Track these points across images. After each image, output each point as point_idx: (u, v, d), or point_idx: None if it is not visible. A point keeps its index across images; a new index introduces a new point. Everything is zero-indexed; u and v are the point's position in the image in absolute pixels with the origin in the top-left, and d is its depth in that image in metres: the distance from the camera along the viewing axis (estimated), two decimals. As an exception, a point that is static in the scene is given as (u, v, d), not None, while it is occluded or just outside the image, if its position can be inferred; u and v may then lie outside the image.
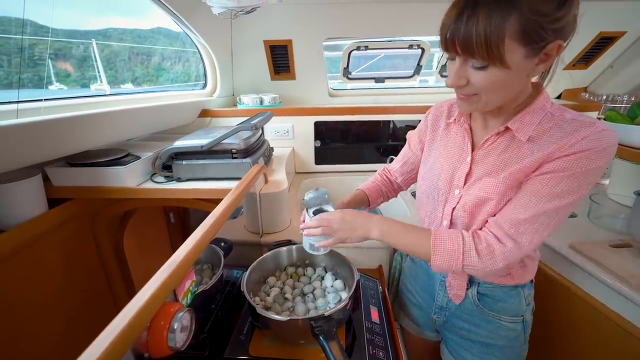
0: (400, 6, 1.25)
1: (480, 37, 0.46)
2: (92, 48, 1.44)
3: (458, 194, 0.64)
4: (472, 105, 0.56)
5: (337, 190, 1.68)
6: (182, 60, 1.91)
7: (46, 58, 0.94)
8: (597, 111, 1.64)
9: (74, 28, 1.20)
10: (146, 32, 1.93)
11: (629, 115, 1.18)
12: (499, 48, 0.46)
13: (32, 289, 0.89)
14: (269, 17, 1.36)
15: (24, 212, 0.87)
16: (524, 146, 0.56)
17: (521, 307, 0.69)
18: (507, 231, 0.55)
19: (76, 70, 1.35)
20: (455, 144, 0.67)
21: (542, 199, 0.53)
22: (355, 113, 1.61)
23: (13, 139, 0.70)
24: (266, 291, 0.81)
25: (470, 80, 0.52)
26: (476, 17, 0.45)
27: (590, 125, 0.51)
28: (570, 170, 0.51)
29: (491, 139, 0.60)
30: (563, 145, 0.51)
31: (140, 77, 1.92)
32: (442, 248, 0.58)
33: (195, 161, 1.06)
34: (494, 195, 0.58)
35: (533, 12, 0.44)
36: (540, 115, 0.55)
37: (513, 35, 0.45)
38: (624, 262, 0.83)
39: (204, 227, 0.59)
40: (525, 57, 0.48)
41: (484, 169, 0.61)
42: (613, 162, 1.28)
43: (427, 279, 0.80)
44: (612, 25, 1.46)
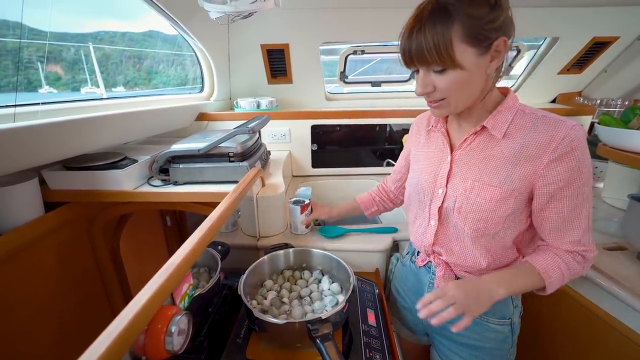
0: (394, 12, 1.27)
1: (429, 46, 0.52)
2: (88, 51, 1.44)
3: (442, 193, 0.68)
4: (444, 109, 0.61)
5: (333, 194, 1.68)
6: (175, 63, 1.91)
7: (35, 61, 0.93)
8: (592, 115, 1.66)
9: (65, 31, 1.20)
10: (139, 35, 1.93)
11: (623, 119, 1.20)
12: (449, 52, 0.52)
13: (28, 292, 0.89)
14: (266, 22, 1.37)
15: (20, 215, 0.86)
16: (501, 143, 0.61)
17: (508, 310, 0.71)
18: (583, 248, 0.61)
19: (67, 74, 1.34)
20: (435, 147, 0.72)
21: (579, 210, 0.58)
22: (352, 117, 1.62)
23: (10, 142, 0.70)
24: (263, 294, 0.81)
25: (436, 86, 0.57)
26: (423, 31, 0.53)
27: (562, 124, 0.56)
28: (580, 177, 0.56)
29: (469, 138, 0.64)
30: (548, 146, 0.56)
31: (132, 81, 1.92)
32: (554, 278, 0.60)
33: (192, 165, 1.06)
34: (492, 204, 0.61)
35: (470, 17, 0.51)
36: (512, 113, 0.60)
37: (460, 38, 0.52)
38: (618, 266, 0.84)
39: (201, 230, 0.59)
40: (478, 56, 0.54)
41: (466, 168, 0.65)
42: (607, 166, 1.30)
43: (416, 282, 0.82)
44: (606, 30, 1.48)
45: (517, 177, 0.59)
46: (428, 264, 0.77)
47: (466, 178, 0.64)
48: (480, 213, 0.62)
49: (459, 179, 0.65)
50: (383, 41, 1.66)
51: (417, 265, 0.80)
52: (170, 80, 2.09)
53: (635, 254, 0.87)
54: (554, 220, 0.60)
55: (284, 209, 1.10)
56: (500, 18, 0.53)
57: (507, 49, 0.56)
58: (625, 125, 1.16)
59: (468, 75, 0.55)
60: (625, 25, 1.46)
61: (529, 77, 1.77)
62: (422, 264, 0.79)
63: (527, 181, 0.59)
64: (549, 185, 0.57)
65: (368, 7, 1.32)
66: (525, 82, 1.80)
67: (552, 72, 1.72)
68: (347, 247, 1.02)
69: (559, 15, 1.40)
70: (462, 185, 0.64)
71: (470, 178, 0.63)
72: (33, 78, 0.98)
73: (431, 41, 0.52)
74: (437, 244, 0.72)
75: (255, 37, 1.46)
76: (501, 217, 0.61)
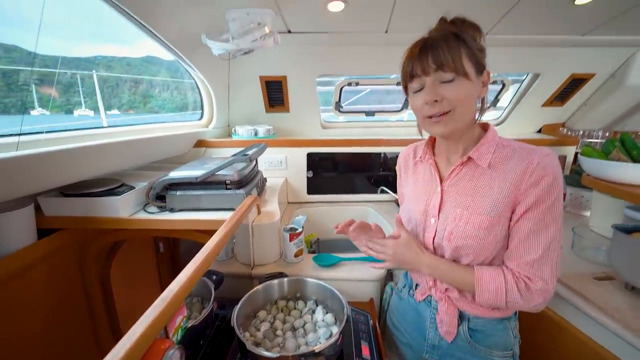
0: (385, 48, 1.36)
1: (446, 54, 0.59)
2: (84, 75, 1.47)
3: (434, 223, 0.70)
4: (449, 123, 0.63)
5: (328, 220, 1.69)
6: (170, 88, 1.96)
7: (30, 83, 0.95)
8: (575, 145, 1.74)
9: (63, 55, 1.22)
10: (137, 60, 1.98)
11: (604, 150, 1.26)
12: (462, 62, 0.59)
13: (13, 323, 0.86)
14: (266, 55, 1.44)
15: (13, 242, 0.85)
16: (486, 172, 0.65)
17: (510, 340, 0.71)
18: (531, 273, 0.61)
19: (61, 96, 1.36)
20: (424, 178, 0.76)
21: (540, 233, 0.60)
22: (346, 145, 1.67)
23: (12, 170, 0.72)
24: (256, 326, 0.80)
25: (445, 96, 0.61)
26: (439, 45, 0.60)
27: (537, 152, 0.61)
28: (547, 200, 0.59)
29: (457, 169, 0.69)
30: (524, 173, 0.60)
31: (127, 103, 1.96)
32: (486, 287, 0.62)
33: (189, 192, 1.07)
34: (480, 231, 0.63)
35: (471, 42, 0.61)
36: (493, 146, 0.66)
37: (466, 54, 0.60)
38: (608, 296, 0.85)
39: (197, 260, 0.59)
40: (476, 74, 0.61)
41: (455, 197, 0.68)
42: (592, 195, 1.34)
43: (416, 316, 0.79)
44: (583, 67, 1.59)
45: (502, 204, 0.62)
46: (428, 298, 0.76)
47: (456, 207, 0.67)
48: (470, 240, 0.64)
49: (449, 208, 0.68)
50: (375, 74, 1.75)
51: (416, 300, 0.79)
52: (165, 104, 2.13)
53: (623, 283, 0.89)
54: (513, 239, 0.63)
55: (279, 236, 1.10)
56: (484, 56, 0.63)
57: (489, 82, 0.65)
58: (606, 157, 1.21)
59: (472, 88, 0.61)
60: (600, 64, 1.57)
61: (514, 109, 1.86)
62: (422, 298, 0.77)
63: (509, 207, 0.62)
64: (521, 208, 0.61)
65: (359, 44, 1.40)
66: (511, 114, 1.89)
67: (536, 105, 1.81)
68: (341, 276, 1.02)
69: (540, 54, 1.50)
70: (452, 213, 0.67)
71: (460, 206, 0.66)
72: (26, 100, 1.00)
73: (447, 52, 0.59)
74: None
75: (255, 69, 1.53)
76: (491, 244, 0.63)
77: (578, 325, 0.85)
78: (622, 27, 1.27)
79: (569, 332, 0.87)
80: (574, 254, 1.09)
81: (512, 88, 1.84)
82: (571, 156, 1.73)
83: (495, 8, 1.13)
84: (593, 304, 0.82)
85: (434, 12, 0.67)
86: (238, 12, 1.00)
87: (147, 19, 0.95)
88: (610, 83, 1.66)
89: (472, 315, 0.70)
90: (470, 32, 0.62)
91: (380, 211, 1.60)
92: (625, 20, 1.20)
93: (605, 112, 1.79)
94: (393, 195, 1.65)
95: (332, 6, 1.09)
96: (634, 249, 0.83)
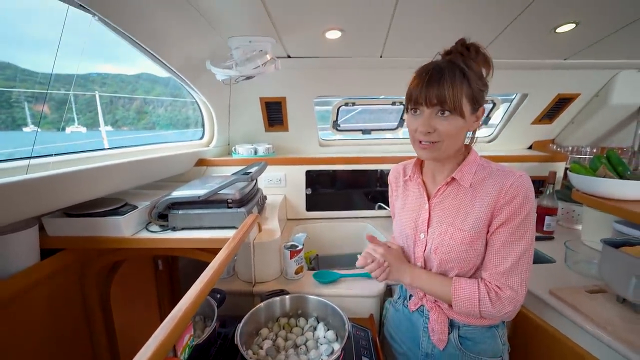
0: (379, 71, 1.44)
1: (449, 92, 0.63)
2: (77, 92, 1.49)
3: (424, 238, 0.76)
4: (434, 152, 0.69)
5: (327, 236, 1.71)
6: (164, 104, 2.00)
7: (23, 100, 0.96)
8: (565, 161, 1.80)
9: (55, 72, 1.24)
10: (131, 77, 2.03)
11: (591, 167, 1.31)
12: (461, 102, 0.64)
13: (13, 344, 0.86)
14: (266, 78, 1.49)
15: (17, 263, 0.86)
16: (468, 191, 0.71)
17: (498, 347, 0.75)
18: (501, 282, 0.66)
19: (53, 113, 1.38)
20: (414, 196, 0.82)
21: (511, 246, 0.66)
22: (344, 162, 1.71)
23: (20, 193, 0.74)
24: (259, 344, 0.81)
25: (438, 128, 0.66)
26: (444, 80, 0.64)
27: (511, 174, 0.68)
28: (518, 217, 0.65)
29: (442, 188, 0.75)
30: (500, 193, 0.66)
31: (121, 120, 1.98)
32: (460, 295, 0.68)
33: (191, 211, 1.10)
34: (463, 246, 0.69)
35: (475, 82, 0.65)
36: (474, 167, 0.72)
37: (466, 95, 0.64)
38: (600, 308, 0.87)
39: (203, 279, 0.61)
40: (470, 113, 0.67)
41: (441, 213, 0.74)
42: (583, 210, 1.38)
43: (410, 326, 0.84)
44: (568, 88, 1.67)
45: (482, 221, 0.68)
46: (420, 307, 0.81)
47: (442, 223, 0.73)
48: (453, 254, 0.70)
49: (436, 224, 0.74)
50: (370, 95, 1.81)
51: (409, 310, 0.84)
52: (160, 121, 2.16)
53: (614, 296, 0.91)
54: (489, 251, 0.69)
55: (279, 254, 1.12)
56: (486, 91, 0.69)
57: (482, 116, 0.71)
58: (593, 173, 1.26)
59: (463, 126, 0.67)
60: (584, 84, 1.65)
61: (505, 127, 1.93)
62: (415, 308, 0.82)
63: (487, 224, 0.68)
64: (496, 223, 0.67)
65: (355, 68, 1.47)
66: (502, 131, 1.96)
67: (526, 122, 1.89)
68: (342, 293, 1.04)
69: (527, 75, 1.58)
70: (438, 229, 0.73)
71: (445, 222, 0.72)
72: (18, 117, 1.01)
73: (451, 90, 0.63)
74: None
75: (255, 91, 1.58)
76: (473, 257, 0.69)
77: (572, 337, 0.87)
78: (602, 51, 1.35)
79: (563, 344, 0.88)
80: (567, 267, 1.12)
81: (502, 107, 1.92)
82: (561, 172, 1.79)
83: (484, 34, 1.20)
84: (586, 316, 0.84)
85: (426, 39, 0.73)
86: (240, 40, 1.06)
87: (155, 49, 1.00)
88: (595, 102, 1.74)
89: (462, 324, 0.75)
90: (477, 67, 0.67)
91: (378, 227, 1.63)
92: (604, 46, 1.28)
93: (592, 129, 1.87)
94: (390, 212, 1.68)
95: (329, 34, 1.16)
96: (622, 262, 0.86)
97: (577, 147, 1.93)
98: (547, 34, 1.19)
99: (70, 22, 0.77)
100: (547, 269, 1.12)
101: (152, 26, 0.94)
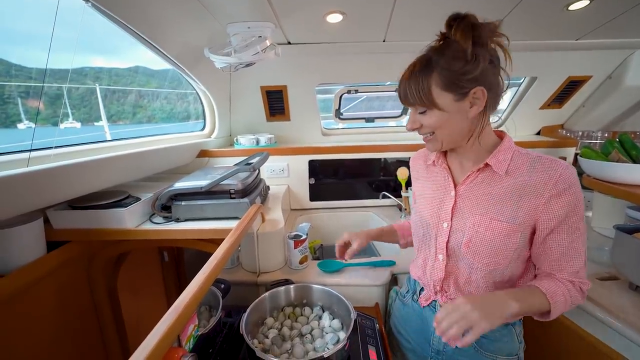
0: (382, 56, 1.39)
1: (412, 92, 0.63)
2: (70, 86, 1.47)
3: (447, 227, 0.70)
4: (434, 143, 0.68)
5: (331, 226, 1.70)
6: (159, 97, 1.97)
7: (16, 97, 0.95)
8: (575, 147, 1.75)
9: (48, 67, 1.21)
10: (124, 70, 2.00)
11: (603, 151, 1.27)
12: (429, 96, 0.61)
13: (24, 337, 0.87)
14: (266, 66, 1.47)
15: (24, 256, 0.87)
16: (503, 180, 0.65)
17: (514, 346, 0.72)
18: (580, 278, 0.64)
19: (47, 108, 1.36)
20: (438, 182, 0.76)
21: (577, 244, 0.63)
22: (347, 152, 1.68)
23: (23, 186, 0.74)
24: (264, 333, 0.81)
25: (422, 123, 0.66)
26: (411, 78, 0.63)
27: (557, 164, 0.62)
28: (575, 214, 0.61)
29: (473, 175, 0.69)
30: (547, 183, 0.61)
31: (116, 115, 1.96)
32: (559, 302, 0.62)
33: (194, 202, 1.09)
34: (500, 238, 0.64)
35: (446, 69, 0.60)
36: (510, 153, 0.66)
37: (439, 85, 0.60)
38: (612, 296, 0.86)
39: (207, 269, 0.61)
40: (455, 101, 0.61)
41: (472, 202, 0.68)
42: (593, 196, 1.35)
43: (420, 322, 0.81)
44: (579, 70, 1.61)
45: (522, 212, 0.62)
46: (432, 303, 0.77)
47: (474, 213, 0.67)
48: (490, 247, 0.64)
49: (467, 214, 0.68)
50: (373, 82, 1.77)
51: (420, 305, 0.80)
52: (155, 114, 2.13)
53: (627, 283, 0.89)
54: (554, 252, 0.63)
55: (283, 244, 1.11)
56: (476, 71, 0.58)
57: (486, 97, 0.60)
58: (605, 158, 1.23)
59: (447, 116, 0.63)
60: (597, 66, 1.59)
61: (513, 112, 1.88)
62: (427, 303, 0.78)
63: (530, 216, 0.62)
64: (550, 220, 0.61)
65: (358, 53, 1.43)
66: (510, 116, 1.91)
67: (534, 107, 1.83)
68: (346, 282, 1.03)
69: (536, 58, 1.53)
70: (471, 219, 0.67)
71: (478, 213, 0.66)
72: (11, 113, 0.99)
73: (414, 87, 0.62)
74: (448, 279, 0.73)
75: (256, 79, 1.56)
76: (510, 251, 0.64)
77: (583, 325, 0.86)
78: (616, 30, 1.29)
79: (574, 333, 0.87)
80: (577, 254, 1.10)
81: (509, 91, 1.86)
82: (571, 157, 1.74)
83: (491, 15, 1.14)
84: (598, 304, 0.82)
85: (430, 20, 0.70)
86: (239, 26, 1.02)
87: (151, 36, 0.98)
88: (608, 84, 1.68)
89: None
90: (460, 45, 0.58)
91: (382, 216, 1.61)
92: (620, 24, 1.22)
93: (604, 113, 1.81)
94: (395, 200, 1.66)
95: (330, 18, 1.12)
96: (636, 249, 0.84)
97: (587, 132, 1.87)
98: (559, 12, 1.13)
99: (62, 13, 0.74)
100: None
101: (146, 12, 0.91)
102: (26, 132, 1.14)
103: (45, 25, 0.75)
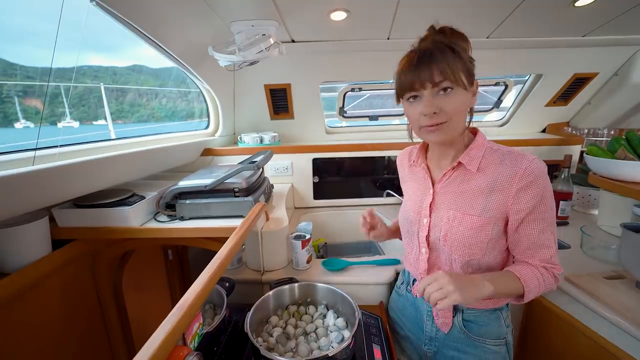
0: (387, 54, 1.37)
1: (446, 66, 0.61)
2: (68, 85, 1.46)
3: (426, 222, 0.74)
4: (442, 134, 0.66)
5: (335, 224, 1.70)
6: (159, 96, 1.96)
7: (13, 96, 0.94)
8: (581, 144, 1.73)
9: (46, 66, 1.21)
10: (123, 69, 1.98)
11: (609, 149, 1.26)
12: (459, 73, 0.61)
13: (30, 334, 0.88)
14: (270, 64, 1.47)
15: (30, 254, 0.88)
16: (475, 176, 0.69)
17: (502, 330, 0.75)
18: (552, 263, 0.68)
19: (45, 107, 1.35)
20: (418, 180, 0.80)
21: (547, 231, 0.66)
22: (351, 150, 1.68)
23: (29, 184, 0.74)
24: (269, 331, 0.81)
25: (442, 108, 0.63)
26: (436, 58, 0.61)
27: (523, 158, 0.65)
28: (543, 204, 0.65)
29: (448, 173, 0.72)
30: (513, 177, 0.64)
31: (115, 113, 1.94)
32: (531, 285, 0.65)
33: (198, 200, 1.09)
34: (472, 231, 0.68)
35: (463, 54, 0.64)
36: (482, 150, 0.69)
37: (461, 67, 0.62)
38: (619, 295, 0.85)
39: (211, 268, 0.61)
40: (468, 85, 0.63)
41: (448, 199, 0.72)
42: (599, 194, 1.34)
43: (414, 311, 0.85)
44: (585, 67, 1.59)
45: (493, 206, 0.66)
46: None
47: (448, 208, 0.71)
48: (464, 240, 0.68)
49: (443, 209, 0.72)
50: (377, 80, 1.76)
51: (413, 295, 0.84)
52: (155, 112, 2.12)
53: (634, 282, 0.88)
54: (525, 240, 0.67)
55: (287, 242, 1.11)
56: (473, 64, 0.66)
57: (477, 91, 0.68)
58: (612, 155, 1.21)
59: (467, 98, 0.64)
60: (603, 63, 1.57)
61: (518, 110, 1.86)
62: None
63: (501, 209, 0.66)
64: (520, 212, 0.65)
65: (362, 51, 1.43)
66: (515, 114, 1.89)
67: (540, 105, 1.82)
68: (351, 281, 1.03)
69: (542, 55, 1.51)
70: (446, 215, 0.71)
71: (452, 208, 0.70)
72: (8, 113, 0.98)
73: (446, 61, 0.61)
74: (432, 270, 0.76)
75: (259, 78, 1.55)
76: (483, 242, 0.68)
77: (589, 324, 0.85)
78: (623, 26, 1.27)
79: (580, 332, 0.86)
80: (583, 253, 1.09)
81: (514, 89, 1.85)
82: (577, 155, 1.73)
83: (496, 12, 1.14)
84: (604, 303, 0.81)
85: (435, 18, 0.69)
86: (243, 24, 1.02)
87: (155, 34, 0.98)
88: (614, 81, 1.66)
89: (466, 307, 0.75)
90: (460, 42, 0.65)
91: (386, 214, 1.61)
92: (626, 20, 1.21)
93: (610, 110, 1.79)
94: (399, 198, 1.66)
95: (334, 16, 1.11)
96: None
97: (593, 129, 1.85)
98: (565, 9, 1.12)
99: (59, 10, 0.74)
100: (561, 255, 1.08)
101: (151, 10, 0.91)
102: (23, 131, 1.13)
103: (39, 22, 0.74)
